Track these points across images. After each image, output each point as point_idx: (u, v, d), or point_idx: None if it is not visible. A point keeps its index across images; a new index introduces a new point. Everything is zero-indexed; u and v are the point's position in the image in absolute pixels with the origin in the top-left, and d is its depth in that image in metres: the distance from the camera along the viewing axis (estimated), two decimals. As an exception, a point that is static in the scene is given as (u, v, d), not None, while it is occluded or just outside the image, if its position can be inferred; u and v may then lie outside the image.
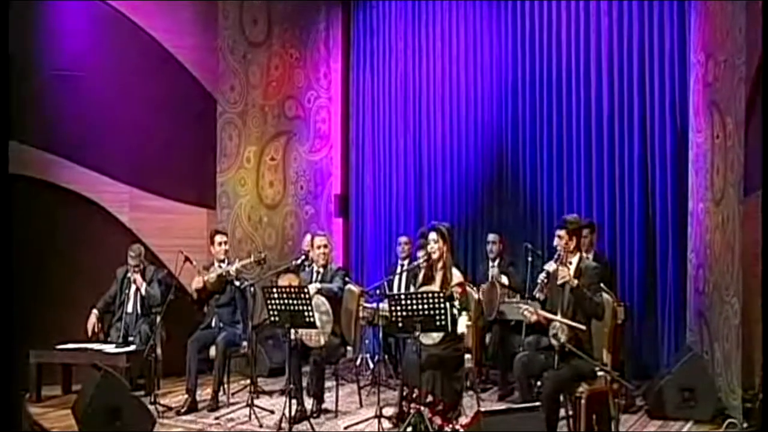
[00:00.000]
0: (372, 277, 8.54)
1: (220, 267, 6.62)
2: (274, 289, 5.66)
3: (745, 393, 5.39)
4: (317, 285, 6.19)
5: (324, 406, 6.26)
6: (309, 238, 6.94)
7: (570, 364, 4.98)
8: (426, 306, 5.07)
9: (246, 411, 6.13)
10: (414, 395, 5.31)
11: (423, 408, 5.19)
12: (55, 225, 7.21)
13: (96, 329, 6.84)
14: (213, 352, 6.47)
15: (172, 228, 7.73)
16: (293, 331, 5.80)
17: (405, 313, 5.12)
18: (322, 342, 6.05)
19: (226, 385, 6.55)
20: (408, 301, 5.13)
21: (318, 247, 6.43)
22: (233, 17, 8.30)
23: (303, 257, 6.81)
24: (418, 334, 5.15)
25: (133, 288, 6.96)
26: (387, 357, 7.43)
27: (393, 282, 7.35)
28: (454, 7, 8.62)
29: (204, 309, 6.69)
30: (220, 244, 6.70)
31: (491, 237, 7.48)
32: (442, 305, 5.06)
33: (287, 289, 5.63)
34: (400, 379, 5.99)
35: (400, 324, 5.19)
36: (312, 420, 5.80)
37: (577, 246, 5.27)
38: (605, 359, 5.22)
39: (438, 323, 5.10)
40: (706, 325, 6.24)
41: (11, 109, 5.41)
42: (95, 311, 6.87)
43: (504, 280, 7.05)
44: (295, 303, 5.56)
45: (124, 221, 7.61)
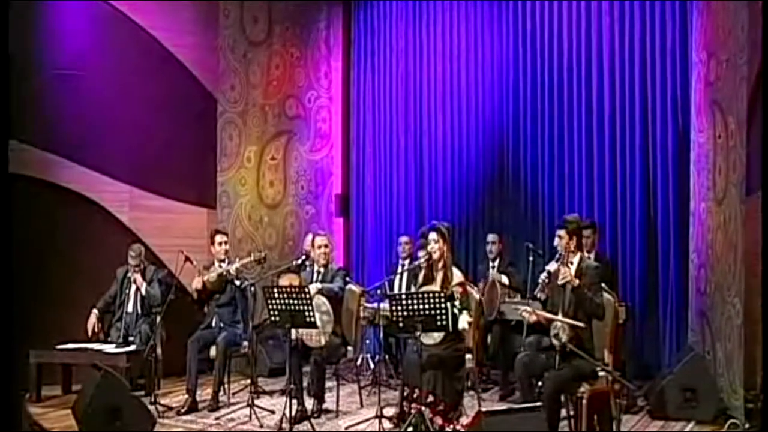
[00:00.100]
0: (373, 277, 8.53)
1: (220, 266, 6.61)
2: (274, 289, 5.65)
3: (747, 393, 5.37)
4: (318, 285, 6.18)
5: (324, 406, 6.25)
6: (310, 237, 6.93)
7: (571, 364, 4.97)
8: (427, 306, 5.06)
9: (246, 411, 6.12)
10: (415, 395, 5.30)
11: (424, 408, 5.17)
12: (55, 224, 7.20)
13: (96, 329, 6.83)
14: (213, 352, 6.46)
15: (172, 228, 7.72)
16: (294, 331, 5.80)
17: (406, 313, 5.11)
18: (322, 342, 6.03)
19: (226, 385, 6.54)
20: (409, 301, 5.12)
21: (319, 247, 6.41)
22: (234, 16, 8.29)
23: (304, 257, 6.79)
24: (419, 334, 5.14)
25: (134, 288, 6.94)
26: (388, 357, 7.43)
27: (394, 282, 7.34)
28: (454, 7, 8.60)
29: (204, 309, 6.68)
30: (220, 243, 6.69)
31: (491, 237, 7.47)
32: (442, 305, 5.05)
33: (288, 289, 5.62)
34: (400, 379, 5.97)
35: (400, 324, 5.18)
36: (312, 420, 5.79)
37: (578, 246, 5.27)
38: (606, 359, 5.20)
39: (439, 323, 5.09)
40: (708, 325, 6.22)
41: (11, 109, 5.40)
42: (95, 311, 6.86)
43: (504, 279, 7.05)
44: (296, 303, 5.55)
45: (124, 221, 7.59)
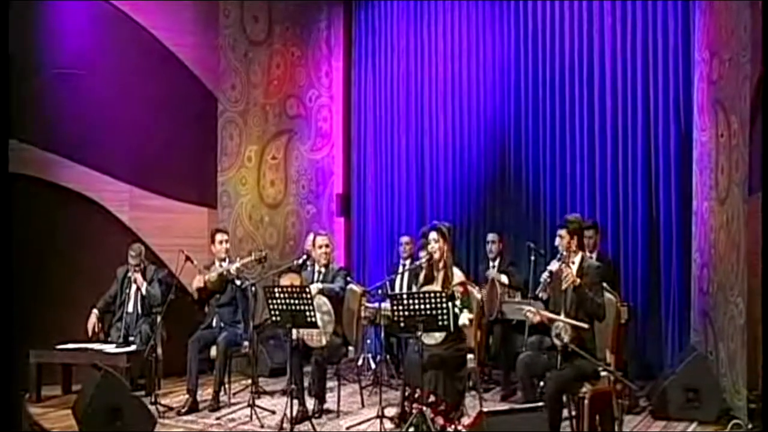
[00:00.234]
0: (374, 277, 8.51)
1: (220, 266, 6.59)
2: (275, 289, 5.63)
3: (750, 393, 5.35)
4: (319, 285, 6.16)
5: (325, 406, 6.24)
6: (311, 237, 6.91)
7: (573, 364, 4.95)
8: (428, 306, 5.05)
9: (247, 411, 6.10)
10: (416, 395, 5.29)
11: (425, 408, 5.15)
12: (55, 224, 7.18)
13: (96, 329, 6.81)
14: (214, 352, 6.44)
15: (172, 227, 7.69)
16: (295, 331, 5.78)
17: (407, 313, 5.10)
18: (323, 342, 6.01)
19: (227, 385, 6.52)
20: (410, 301, 5.11)
21: (320, 247, 6.39)
22: (234, 16, 8.27)
23: (305, 257, 6.77)
24: (420, 333, 5.13)
25: (134, 287, 6.93)
26: (389, 357, 7.41)
27: (395, 282, 7.32)
28: (456, 6, 8.57)
29: (205, 309, 6.66)
30: (220, 243, 6.67)
31: (491, 237, 7.46)
32: (444, 305, 5.04)
33: (289, 289, 5.61)
34: (402, 379, 5.97)
35: (402, 324, 5.17)
36: (313, 420, 5.77)
37: (580, 245, 5.25)
38: (608, 359, 5.20)
39: (440, 323, 5.08)
40: (710, 325, 6.20)
41: (11, 109, 5.38)
42: (95, 311, 6.84)
43: (504, 279, 7.03)
44: (297, 303, 5.53)
45: (124, 220, 7.57)
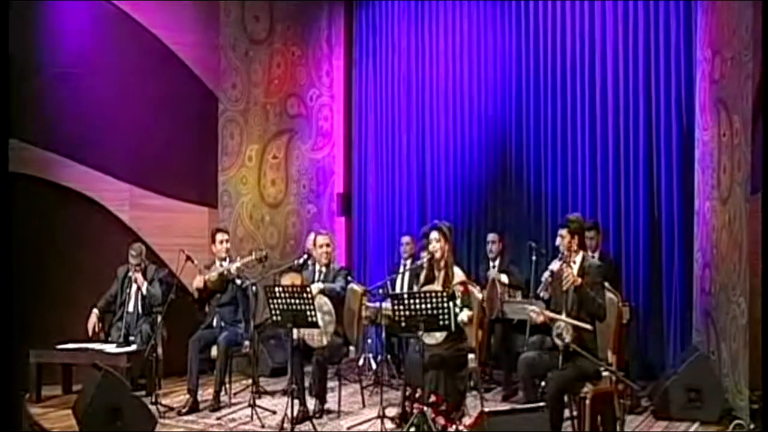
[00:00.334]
0: (375, 276, 8.50)
1: (221, 266, 6.57)
2: (276, 289, 5.61)
3: (752, 393, 5.33)
4: (320, 284, 6.14)
5: (326, 406, 6.22)
6: (312, 237, 6.89)
7: (574, 364, 4.93)
8: (429, 305, 5.03)
9: (248, 411, 6.09)
10: (417, 395, 5.28)
11: (426, 408, 5.14)
12: (56, 224, 7.17)
13: (96, 329, 6.80)
14: (214, 351, 6.42)
15: (173, 227, 7.68)
16: (295, 331, 5.77)
17: (408, 313, 5.08)
18: (324, 342, 6.00)
19: (227, 385, 6.50)
20: (411, 301, 5.09)
21: (320, 246, 6.37)
22: (235, 14, 8.24)
23: (306, 256, 6.76)
24: (421, 333, 5.12)
25: (134, 287, 6.91)
26: (390, 357, 7.41)
27: (396, 281, 7.31)
28: (457, 5, 8.55)
29: (205, 308, 6.65)
30: (221, 242, 6.65)
31: (490, 237, 7.45)
32: (445, 305, 5.03)
33: (290, 289, 5.59)
34: (402, 379, 5.96)
35: (403, 324, 5.16)
36: (314, 420, 5.77)
37: (581, 245, 5.22)
38: (610, 359, 5.18)
39: (441, 323, 5.07)
40: (712, 325, 6.18)
41: (11, 109, 5.37)
42: (96, 311, 6.83)
43: (504, 278, 7.01)
44: (298, 302, 5.52)
45: (124, 220, 7.56)
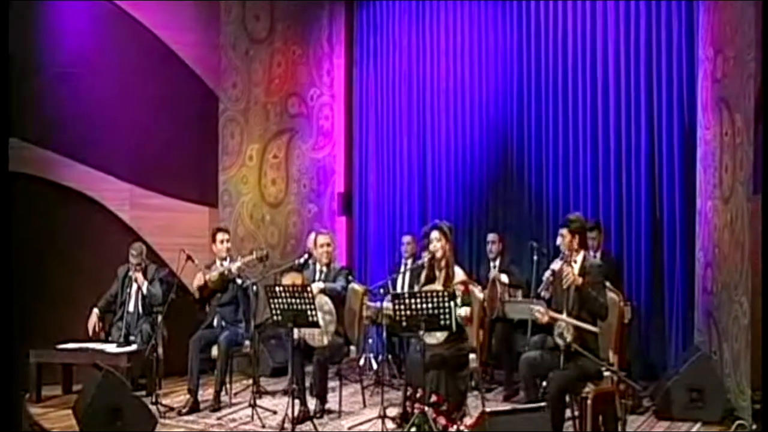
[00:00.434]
0: (375, 276, 8.48)
1: (221, 265, 6.56)
2: (277, 288, 5.60)
3: (754, 394, 5.32)
4: (321, 284, 6.13)
5: (327, 406, 6.21)
6: (312, 236, 6.88)
7: (576, 364, 4.92)
8: (430, 305, 5.02)
9: (248, 411, 6.08)
10: (418, 395, 5.28)
11: (427, 408, 5.13)
12: (56, 223, 7.16)
13: (97, 329, 6.79)
14: (215, 351, 6.41)
15: (173, 226, 7.66)
16: (296, 331, 5.76)
17: (409, 313, 5.07)
18: (325, 341, 5.98)
19: (228, 385, 6.49)
20: (412, 300, 5.08)
21: (321, 246, 6.36)
22: (235, 14, 8.22)
23: (306, 256, 6.75)
24: (422, 333, 5.11)
25: (135, 287, 6.90)
26: (391, 357, 7.40)
27: (396, 281, 7.29)
28: (458, 4, 8.52)
29: (206, 308, 6.63)
30: (221, 242, 6.64)
31: (490, 237, 7.44)
32: (446, 304, 5.02)
33: (290, 288, 5.58)
34: (403, 379, 5.95)
35: (404, 323, 5.15)
36: (315, 420, 5.76)
37: (582, 244, 5.21)
38: (612, 359, 5.17)
39: (442, 322, 5.06)
40: (714, 325, 6.17)
41: (12, 108, 5.36)
42: (96, 310, 6.82)
43: (504, 278, 7.00)
44: (298, 302, 5.50)
45: (125, 219, 7.55)
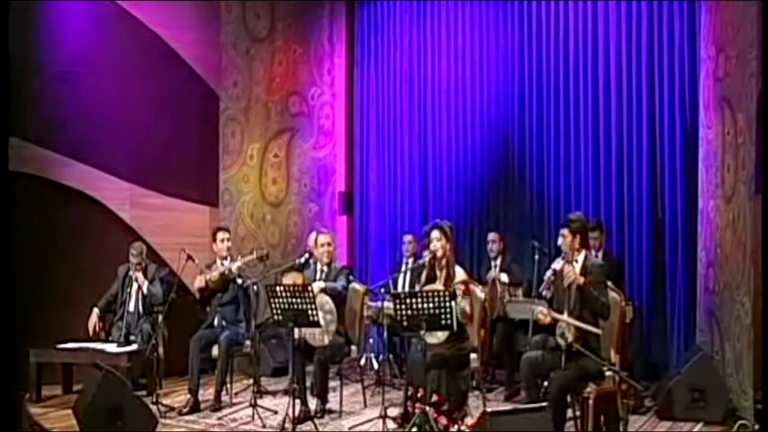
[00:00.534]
0: (376, 275, 8.47)
1: (222, 265, 6.55)
2: (277, 288, 5.59)
3: (757, 394, 5.31)
4: (321, 283, 6.11)
5: (328, 406, 6.19)
6: (313, 235, 6.86)
7: (577, 363, 4.91)
8: (431, 305, 5.01)
9: (249, 411, 6.07)
10: (419, 395, 5.26)
11: (428, 408, 5.12)
12: (56, 223, 7.15)
13: (97, 328, 6.79)
14: (215, 351, 6.40)
15: (173, 226, 7.65)
16: (297, 330, 5.75)
17: (410, 312, 5.06)
18: (326, 341, 5.97)
19: (228, 385, 6.48)
20: (413, 300, 5.07)
21: (322, 245, 6.35)
22: (236, 12, 8.21)
23: (307, 255, 6.74)
24: (423, 333, 5.10)
25: (135, 286, 6.90)
26: (392, 356, 7.39)
27: (397, 280, 7.27)
28: (459, 3, 8.51)
29: (206, 308, 6.63)
30: (222, 241, 6.63)
31: (491, 236, 7.43)
32: (447, 304, 5.01)
33: (291, 288, 5.56)
34: (404, 379, 5.94)
35: (405, 323, 5.14)
36: (316, 420, 5.75)
37: (583, 244, 5.20)
38: (613, 359, 5.15)
39: (443, 322, 5.04)
40: (716, 325, 6.15)
41: (12, 108, 5.35)
42: (96, 310, 6.82)
43: (504, 278, 6.99)
44: (299, 302, 5.49)
45: (125, 219, 7.54)
